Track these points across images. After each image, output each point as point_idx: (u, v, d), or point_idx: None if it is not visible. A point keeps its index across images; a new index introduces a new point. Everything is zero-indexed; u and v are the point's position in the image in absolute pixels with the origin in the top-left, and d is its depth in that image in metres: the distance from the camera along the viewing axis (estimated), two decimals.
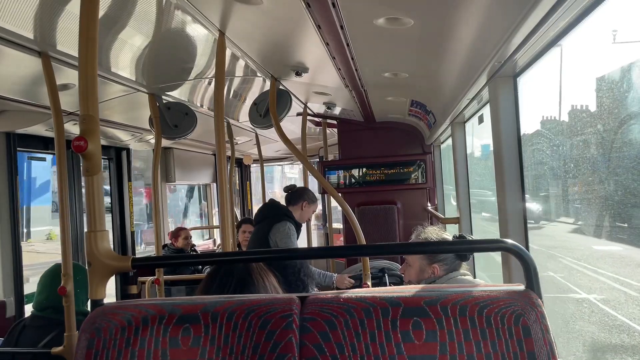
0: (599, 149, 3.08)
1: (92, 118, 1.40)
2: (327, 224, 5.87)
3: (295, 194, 4.23)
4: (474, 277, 2.90)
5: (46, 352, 2.45)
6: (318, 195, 6.80)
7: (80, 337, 1.23)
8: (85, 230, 1.41)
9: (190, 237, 5.97)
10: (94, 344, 1.21)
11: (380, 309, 1.18)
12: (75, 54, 1.46)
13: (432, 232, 2.50)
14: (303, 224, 4.41)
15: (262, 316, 1.20)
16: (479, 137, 4.13)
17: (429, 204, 5.50)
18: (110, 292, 4.95)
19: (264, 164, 6.83)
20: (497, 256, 3.37)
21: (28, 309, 3.64)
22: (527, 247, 2.26)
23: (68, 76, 2.72)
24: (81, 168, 1.40)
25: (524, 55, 1.97)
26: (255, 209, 8.76)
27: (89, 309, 1.47)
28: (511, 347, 1.12)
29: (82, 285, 2.60)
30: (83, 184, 4.32)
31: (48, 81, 2.51)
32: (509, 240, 1.24)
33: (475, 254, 3.64)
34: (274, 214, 4.07)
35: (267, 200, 5.87)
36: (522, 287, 1.20)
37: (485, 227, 4.90)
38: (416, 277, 2.48)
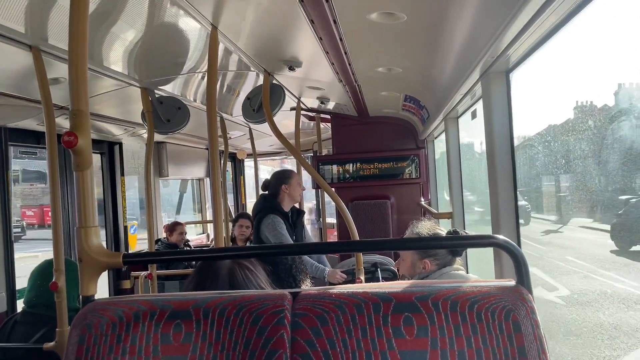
0: None
1: (83, 113, 1.39)
2: (321, 219, 5.87)
3: (272, 185, 4.20)
4: (467, 273, 2.91)
5: (38, 348, 2.44)
6: (312, 190, 6.82)
7: (72, 333, 1.23)
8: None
9: (186, 232, 5.96)
10: (85, 340, 1.21)
11: (372, 304, 1.18)
12: (67, 47, 1.45)
13: (424, 227, 2.52)
14: (305, 212, 4.44)
15: (254, 312, 1.20)
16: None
17: (422, 199, 5.51)
18: (103, 286, 4.94)
19: (258, 159, 6.82)
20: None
21: (20, 304, 3.62)
22: (518, 243, 2.27)
23: (59, 70, 2.70)
24: (72, 163, 1.40)
25: (517, 51, 1.97)
26: (249, 204, 8.77)
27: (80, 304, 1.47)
28: (501, 342, 1.12)
29: (73, 281, 2.59)
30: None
31: (39, 75, 2.49)
32: (500, 236, 1.25)
33: (469, 250, 3.65)
34: (260, 209, 4.14)
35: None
36: (512, 282, 1.21)
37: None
38: (408, 272, 2.51)
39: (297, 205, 4.43)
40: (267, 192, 4.28)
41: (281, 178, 4.18)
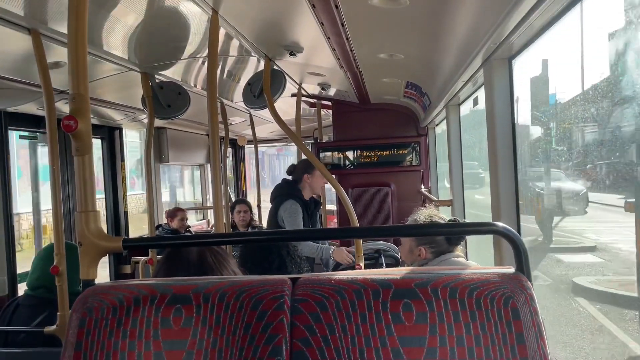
0: None
1: (82, 97, 1.38)
2: (321, 206, 5.88)
3: (296, 172, 4.34)
4: (467, 260, 2.92)
5: (39, 331, 2.45)
6: None
7: (72, 316, 1.24)
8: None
9: (187, 218, 5.98)
10: (86, 324, 1.21)
11: (371, 290, 1.18)
12: (66, 31, 1.43)
13: (422, 214, 2.54)
14: (321, 204, 4.64)
15: (254, 297, 1.21)
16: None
17: (422, 186, 5.51)
18: (104, 271, 4.97)
19: (259, 145, 6.80)
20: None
21: (21, 288, 3.64)
22: (518, 230, 2.27)
23: (59, 54, 2.69)
24: (72, 148, 1.39)
25: (520, 38, 1.95)
26: (249, 190, 8.77)
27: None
28: (500, 329, 1.13)
29: (75, 265, 2.59)
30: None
31: (38, 59, 2.47)
32: (500, 223, 1.25)
33: (468, 238, 3.65)
34: (280, 194, 4.24)
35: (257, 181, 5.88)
36: (512, 269, 1.21)
37: None
38: (406, 258, 2.54)
39: (315, 196, 4.53)
40: (290, 178, 4.39)
41: (305, 167, 4.29)
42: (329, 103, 5.57)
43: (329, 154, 5.60)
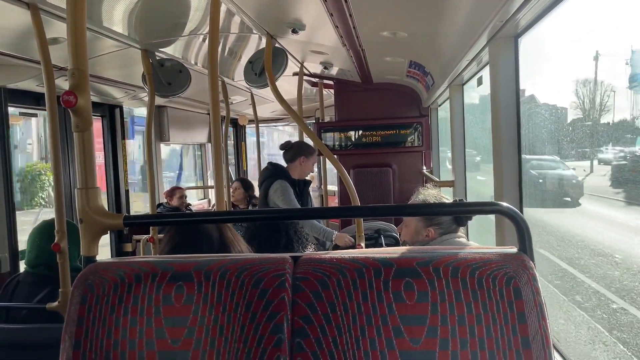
0: None
1: (82, 72, 1.36)
2: (322, 186, 5.87)
3: (291, 151, 4.34)
4: (468, 240, 2.91)
5: (41, 308, 2.47)
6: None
7: (73, 293, 1.24)
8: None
9: (186, 196, 5.98)
10: (87, 300, 1.22)
11: (373, 269, 1.18)
12: (65, 5, 1.41)
13: (430, 195, 2.49)
14: (311, 182, 4.66)
15: (255, 275, 1.21)
16: None
17: (424, 167, 5.50)
18: (106, 249, 4.99)
19: (260, 125, 6.77)
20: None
21: (23, 265, 3.65)
22: (521, 210, 2.26)
23: (58, 29, 2.65)
24: (72, 124, 1.38)
25: (527, 15, 1.92)
26: (250, 170, 8.77)
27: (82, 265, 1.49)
28: (502, 308, 1.13)
29: (75, 242, 2.59)
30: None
31: (37, 34, 2.44)
32: (504, 203, 1.24)
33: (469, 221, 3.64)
34: (268, 176, 4.26)
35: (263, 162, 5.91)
36: (514, 249, 1.21)
37: None
38: (411, 238, 2.49)
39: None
40: (271, 162, 4.42)
41: (303, 150, 4.34)
42: (331, 82, 5.53)
43: (330, 134, 5.57)
